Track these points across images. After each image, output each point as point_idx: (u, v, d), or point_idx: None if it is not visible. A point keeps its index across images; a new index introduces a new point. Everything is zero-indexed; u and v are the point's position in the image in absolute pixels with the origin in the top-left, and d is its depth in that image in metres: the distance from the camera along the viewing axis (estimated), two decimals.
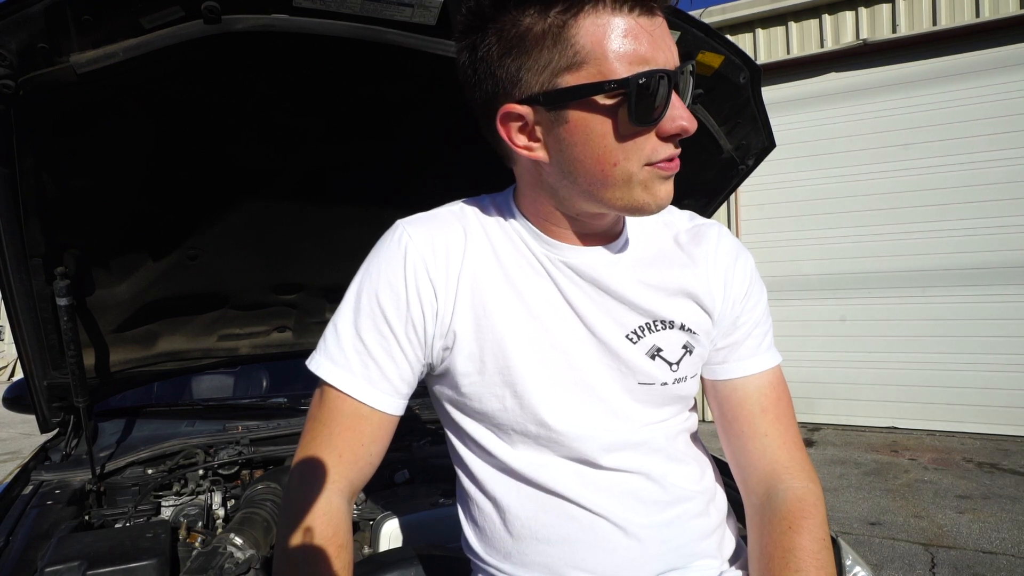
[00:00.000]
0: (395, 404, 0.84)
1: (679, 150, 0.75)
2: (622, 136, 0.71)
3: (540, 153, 0.76)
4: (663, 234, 0.90)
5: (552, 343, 0.82)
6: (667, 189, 0.76)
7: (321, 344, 0.85)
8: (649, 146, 0.72)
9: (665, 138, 0.72)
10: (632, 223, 0.89)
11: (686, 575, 0.84)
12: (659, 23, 0.70)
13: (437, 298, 0.82)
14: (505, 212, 0.88)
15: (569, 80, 0.70)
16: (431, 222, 0.87)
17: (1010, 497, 3.96)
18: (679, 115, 0.71)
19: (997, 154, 5.38)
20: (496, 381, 0.83)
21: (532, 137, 0.76)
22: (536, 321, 0.82)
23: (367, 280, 0.84)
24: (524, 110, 0.73)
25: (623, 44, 0.68)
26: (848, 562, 1.07)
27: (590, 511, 0.83)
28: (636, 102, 0.68)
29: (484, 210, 0.89)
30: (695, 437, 0.95)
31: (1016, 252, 5.35)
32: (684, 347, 0.85)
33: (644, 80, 0.68)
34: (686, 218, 0.93)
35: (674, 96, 0.71)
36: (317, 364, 0.84)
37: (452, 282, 0.82)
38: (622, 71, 0.68)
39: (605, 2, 0.68)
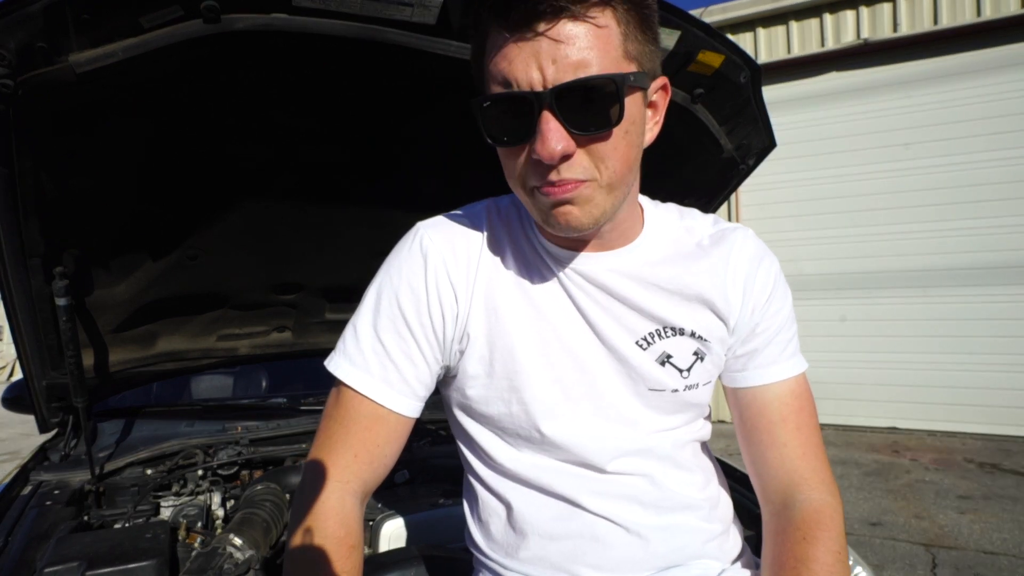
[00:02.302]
0: (412, 406, 0.83)
1: (556, 175, 0.68)
2: (500, 154, 0.73)
3: None
4: (684, 239, 0.87)
5: (562, 347, 0.82)
6: (562, 213, 0.71)
7: (340, 344, 0.85)
8: (521, 167, 0.71)
9: (536, 160, 0.68)
10: (651, 228, 0.86)
11: (687, 572, 0.84)
12: (539, 41, 0.63)
13: (457, 301, 0.82)
14: (524, 215, 0.87)
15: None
16: (451, 224, 0.86)
17: (1011, 497, 3.95)
18: (540, 140, 0.65)
19: (997, 154, 5.37)
20: (503, 386, 0.82)
21: None
22: (546, 324, 0.82)
23: (387, 282, 0.84)
24: None
25: (494, 64, 0.68)
26: (849, 563, 1.06)
27: (592, 512, 0.83)
28: (483, 123, 0.70)
29: (504, 212, 0.88)
30: (705, 446, 0.94)
31: (1016, 252, 5.34)
32: (695, 354, 0.84)
33: (488, 103, 0.68)
34: (710, 223, 0.90)
35: (544, 120, 0.65)
36: (336, 364, 0.83)
37: (470, 284, 0.82)
38: (490, 91, 0.69)
39: (493, 23, 0.67)
